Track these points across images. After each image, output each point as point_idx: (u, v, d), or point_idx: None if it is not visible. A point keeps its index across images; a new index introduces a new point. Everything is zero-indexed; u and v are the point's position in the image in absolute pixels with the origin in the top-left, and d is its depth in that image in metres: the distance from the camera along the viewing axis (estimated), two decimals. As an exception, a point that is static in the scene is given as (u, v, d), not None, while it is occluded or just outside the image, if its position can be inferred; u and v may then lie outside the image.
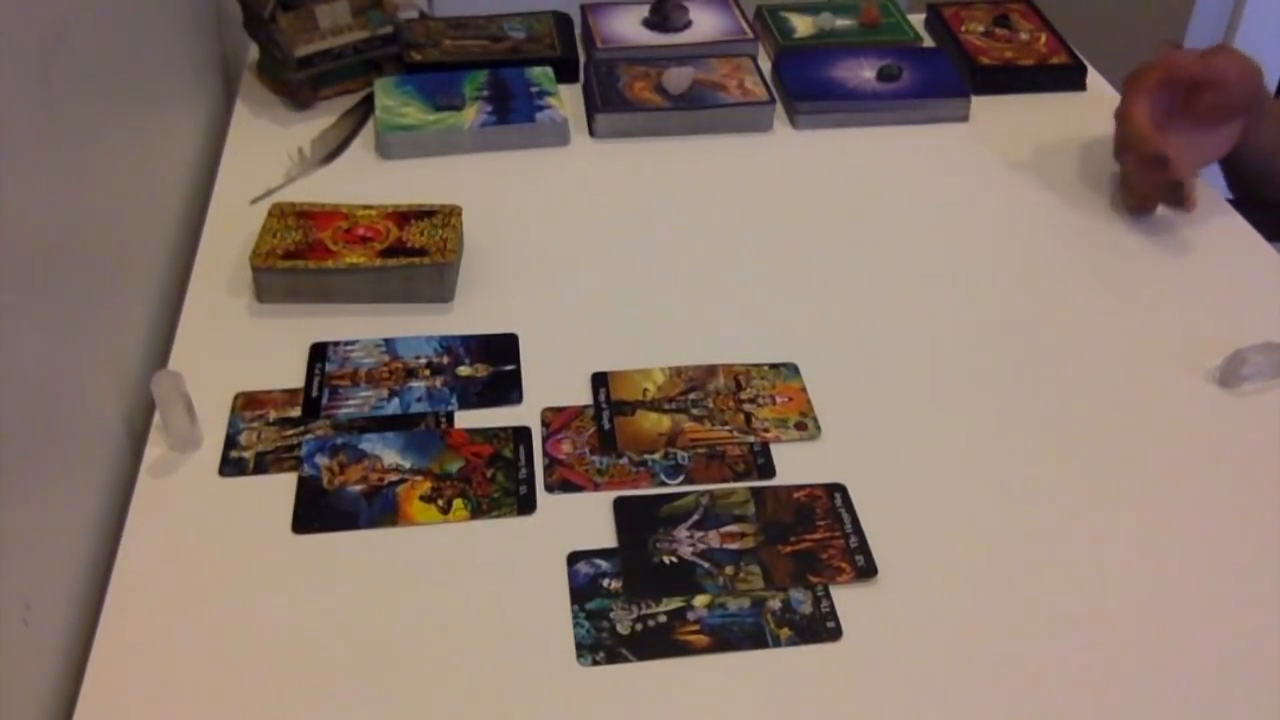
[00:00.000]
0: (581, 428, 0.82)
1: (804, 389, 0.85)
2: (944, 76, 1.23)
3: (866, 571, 0.72)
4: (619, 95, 1.18)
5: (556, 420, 0.83)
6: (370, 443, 0.80)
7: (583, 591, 0.71)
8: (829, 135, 1.18)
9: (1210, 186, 1.10)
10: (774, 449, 0.81)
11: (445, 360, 0.88)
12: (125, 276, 0.89)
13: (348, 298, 0.93)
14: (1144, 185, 1.03)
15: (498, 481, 0.78)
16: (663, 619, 0.69)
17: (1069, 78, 1.26)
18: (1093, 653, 0.68)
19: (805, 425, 0.82)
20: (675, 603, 0.70)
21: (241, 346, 0.89)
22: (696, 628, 0.69)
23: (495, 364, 0.87)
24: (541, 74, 1.20)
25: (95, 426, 0.79)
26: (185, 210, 1.06)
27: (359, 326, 0.91)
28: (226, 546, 0.73)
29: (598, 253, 1.00)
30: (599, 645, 0.67)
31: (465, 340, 0.89)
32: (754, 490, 0.77)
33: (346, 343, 0.89)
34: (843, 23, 1.34)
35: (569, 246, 1.01)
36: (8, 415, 0.64)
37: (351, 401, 0.84)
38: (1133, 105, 1.03)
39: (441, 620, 0.69)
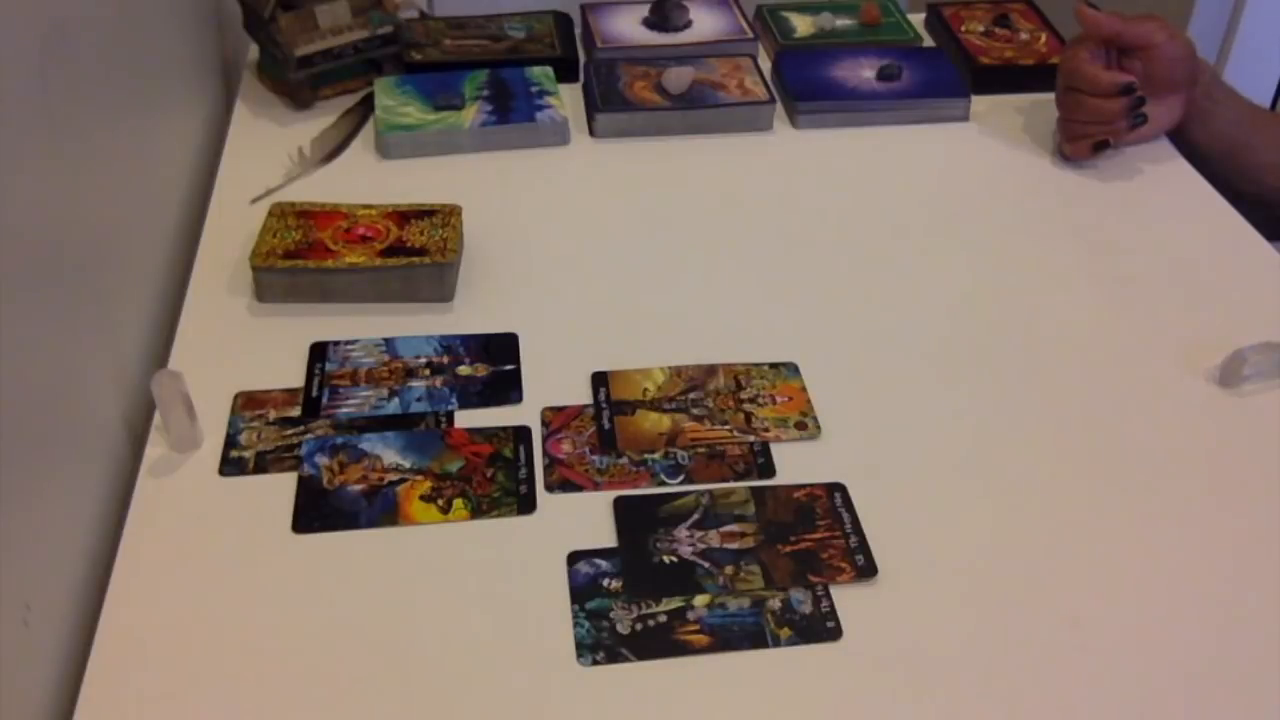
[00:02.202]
0: (581, 427, 0.82)
1: (804, 388, 0.85)
2: (944, 76, 1.23)
3: (866, 571, 0.72)
4: (619, 95, 1.18)
5: (556, 420, 0.83)
6: (370, 442, 0.80)
7: (583, 591, 0.71)
8: (829, 135, 1.18)
9: (1210, 186, 1.10)
10: (774, 448, 0.81)
11: (445, 360, 0.88)
12: (125, 276, 0.89)
13: (348, 297, 0.93)
14: (1099, 120, 1.08)
15: (498, 481, 0.78)
16: (663, 619, 0.69)
17: (1069, 77, 1.26)
18: (1092, 652, 0.68)
19: (805, 425, 0.82)
20: (675, 602, 0.70)
21: (241, 346, 0.89)
22: (696, 627, 0.69)
23: (495, 364, 0.87)
24: (541, 74, 1.20)
25: (95, 426, 0.79)
26: (185, 210, 1.06)
27: (359, 326, 0.91)
28: (226, 546, 0.73)
29: (598, 252, 1.00)
30: (599, 645, 0.67)
31: (465, 340, 0.89)
32: (754, 490, 0.77)
33: (346, 342, 0.89)
34: (843, 22, 1.34)
35: (569, 246, 1.01)
36: (8, 415, 0.64)
37: (351, 401, 0.84)
38: (1074, 53, 1.09)
39: (441, 620, 0.69)
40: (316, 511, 0.75)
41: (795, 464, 0.80)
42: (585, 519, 0.75)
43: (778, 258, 1.00)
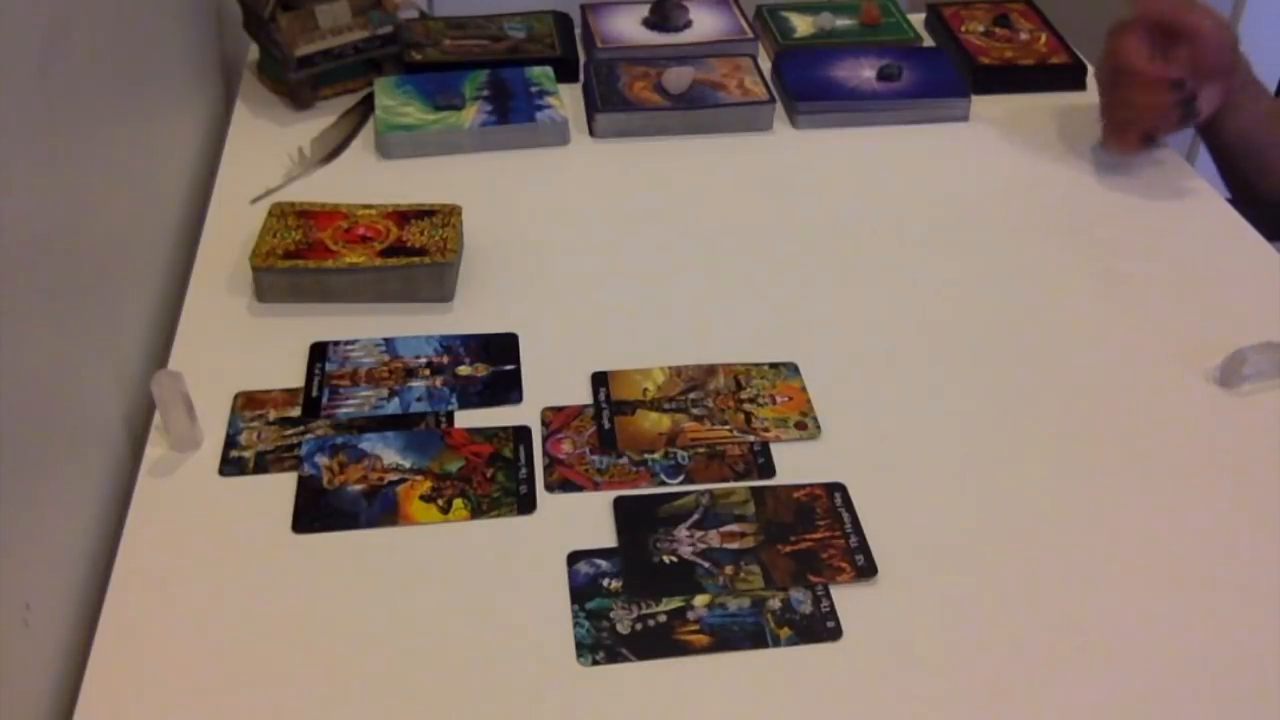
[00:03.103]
0: (581, 427, 0.82)
1: (804, 388, 0.86)
2: (944, 76, 1.23)
3: (866, 571, 0.72)
4: (619, 95, 1.18)
5: (556, 420, 0.83)
6: (370, 442, 0.80)
7: (583, 591, 0.71)
8: (829, 135, 1.18)
9: (1210, 187, 1.10)
10: (774, 448, 0.81)
11: (445, 360, 0.88)
12: (125, 276, 0.89)
13: (348, 297, 0.93)
14: (1149, 113, 1.05)
15: (498, 481, 0.78)
16: (663, 619, 0.69)
17: (1069, 78, 1.26)
18: (1092, 652, 0.68)
19: (805, 425, 0.82)
20: (675, 602, 0.70)
21: (241, 346, 0.89)
22: (696, 627, 0.69)
23: (495, 364, 0.87)
24: (541, 74, 1.20)
25: (95, 426, 0.79)
26: (185, 210, 1.06)
27: (359, 326, 0.91)
28: (226, 546, 0.73)
29: (597, 252, 1.00)
30: (599, 645, 0.67)
31: (465, 340, 0.90)
32: (754, 490, 0.77)
33: (346, 342, 0.89)
34: (843, 23, 1.34)
35: (569, 246, 1.01)
36: (8, 415, 0.64)
37: (351, 401, 0.84)
38: (1125, 40, 1.05)
39: (441, 620, 0.69)
40: (316, 511, 0.75)
41: (795, 464, 0.80)
42: (585, 519, 0.75)
43: (777, 257, 1.00)
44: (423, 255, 0.93)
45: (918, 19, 1.37)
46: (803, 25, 1.33)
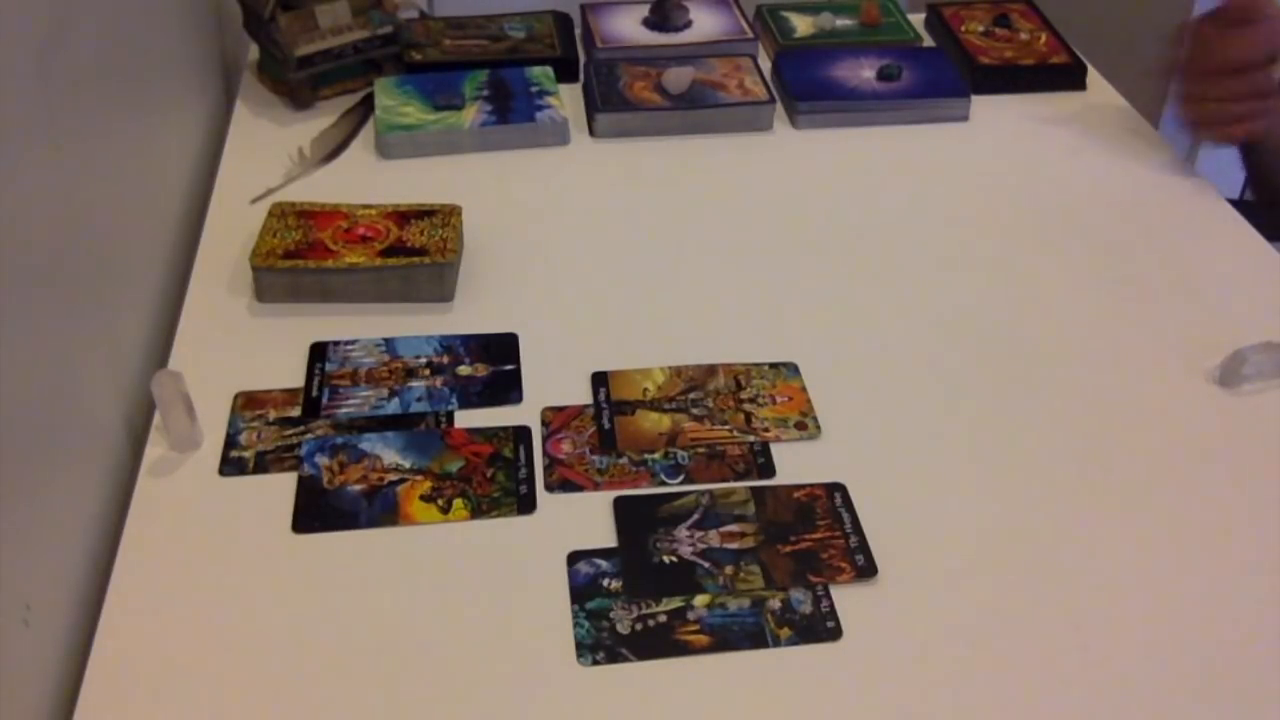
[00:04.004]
0: (581, 427, 0.82)
1: (804, 388, 0.85)
2: (944, 76, 1.23)
3: (866, 571, 0.72)
4: (619, 95, 1.18)
5: (556, 420, 0.83)
6: (370, 442, 0.80)
7: (583, 591, 0.71)
8: (829, 135, 1.18)
9: (1210, 187, 1.10)
10: (774, 448, 0.81)
11: (445, 360, 0.88)
12: (125, 276, 0.89)
13: (348, 297, 0.93)
14: (1253, 97, 1.01)
15: (498, 481, 0.78)
16: (663, 619, 0.69)
17: (1069, 77, 1.26)
18: (1093, 652, 0.68)
19: (805, 425, 0.82)
20: (675, 602, 0.70)
21: (241, 346, 0.89)
22: (696, 627, 0.69)
23: (495, 364, 0.87)
24: (541, 74, 1.20)
25: (95, 426, 0.79)
26: (185, 210, 1.06)
27: (359, 326, 0.91)
28: (226, 546, 0.73)
29: (598, 252, 1.00)
30: (599, 645, 0.67)
31: (465, 340, 0.89)
32: (754, 490, 0.77)
33: (346, 342, 0.89)
34: (843, 22, 1.34)
35: (569, 246, 1.01)
36: (8, 415, 0.64)
37: (351, 401, 0.84)
38: (1201, 30, 1.01)
39: (441, 620, 0.69)
40: (316, 511, 0.75)
41: (795, 464, 0.80)
42: (585, 519, 0.75)
43: (778, 258, 1.00)
44: (423, 255, 0.93)
45: (918, 19, 1.37)
46: (803, 25, 1.33)
